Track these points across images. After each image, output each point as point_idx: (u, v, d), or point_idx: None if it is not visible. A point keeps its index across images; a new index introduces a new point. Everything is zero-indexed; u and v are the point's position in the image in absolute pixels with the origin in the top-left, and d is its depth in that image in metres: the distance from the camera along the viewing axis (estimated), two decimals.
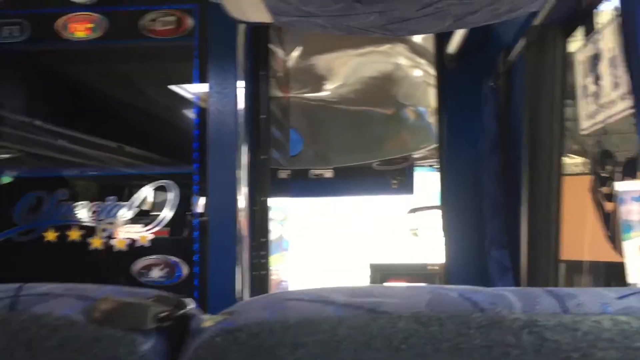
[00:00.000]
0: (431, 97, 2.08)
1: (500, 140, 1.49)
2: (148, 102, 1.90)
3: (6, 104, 1.89)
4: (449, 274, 1.63)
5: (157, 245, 1.70)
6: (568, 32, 1.17)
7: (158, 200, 1.73)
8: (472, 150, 1.61)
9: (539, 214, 1.31)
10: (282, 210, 3.51)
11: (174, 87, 1.82)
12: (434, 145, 2.36)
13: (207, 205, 1.68)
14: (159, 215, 1.70)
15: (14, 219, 1.70)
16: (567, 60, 1.20)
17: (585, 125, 1.14)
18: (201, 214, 1.69)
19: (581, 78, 1.13)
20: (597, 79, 1.06)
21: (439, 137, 1.68)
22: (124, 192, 1.74)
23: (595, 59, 1.05)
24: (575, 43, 1.19)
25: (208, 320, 0.46)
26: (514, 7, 0.91)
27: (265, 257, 1.71)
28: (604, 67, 1.02)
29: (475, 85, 1.57)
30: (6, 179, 1.85)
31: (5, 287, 0.48)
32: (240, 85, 1.67)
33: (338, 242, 3.98)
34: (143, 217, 1.73)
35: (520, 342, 0.40)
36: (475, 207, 1.58)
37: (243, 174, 1.66)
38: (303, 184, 2.54)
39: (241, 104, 1.67)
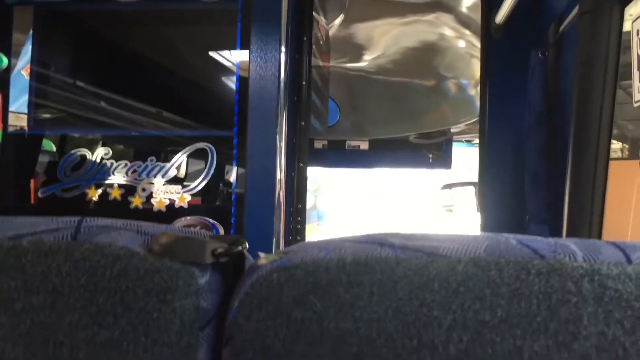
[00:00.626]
0: (474, 70, 2.04)
1: (546, 114, 1.46)
2: (190, 66, 1.91)
3: (50, 64, 1.92)
4: None
5: (195, 207, 1.72)
6: (625, 0, 1.13)
7: (198, 162, 1.75)
8: (514, 124, 1.59)
9: (583, 191, 1.28)
10: (316, 181, 3.52)
11: (216, 52, 1.82)
12: (474, 120, 2.32)
13: (246, 169, 1.69)
14: (198, 177, 1.71)
15: (57, 175, 1.74)
16: (622, 29, 1.16)
17: (638, 97, 1.10)
18: (240, 178, 1.70)
19: (637, 48, 1.10)
20: None
21: (481, 110, 1.65)
22: (164, 154, 1.76)
23: None
24: (633, 11, 1.15)
25: (264, 259, 0.46)
26: None
27: (302, 223, 1.72)
28: None
29: (522, 57, 1.54)
30: (47, 145, 1.89)
31: (67, 219, 0.49)
32: (283, 50, 1.67)
33: (371, 215, 3.97)
34: (183, 178, 1.76)
35: (580, 290, 0.39)
36: (515, 183, 1.56)
37: (282, 140, 1.66)
38: (339, 155, 2.53)
39: (283, 70, 1.67)
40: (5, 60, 1.78)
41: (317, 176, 3.57)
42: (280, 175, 1.66)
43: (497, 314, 0.39)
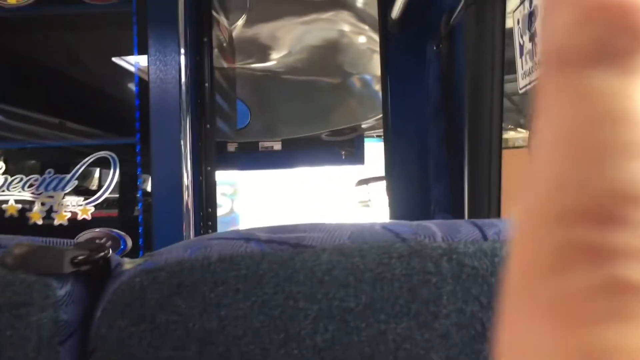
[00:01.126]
0: (376, 65, 2.08)
1: (444, 104, 1.50)
2: (86, 73, 1.84)
3: None
4: None
5: (100, 219, 1.66)
6: None
7: (101, 172, 1.68)
8: (416, 117, 1.62)
9: (480, 177, 1.33)
10: (232, 185, 3.48)
11: (114, 57, 1.76)
12: (381, 115, 2.37)
13: (151, 175, 1.65)
14: (101, 187, 1.65)
15: None
16: (505, 21, 1.21)
17: (523, 83, 1.15)
18: (144, 185, 1.65)
19: (518, 37, 1.14)
20: (532, 36, 1.07)
21: (384, 104, 1.68)
22: (64, 165, 1.69)
23: (531, 16, 1.07)
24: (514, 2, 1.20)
25: (128, 264, 0.44)
26: None
27: (213, 228, 1.69)
28: (539, 25, 1.03)
29: (419, 51, 1.57)
30: None
31: None
32: (182, 52, 1.63)
33: (289, 215, 3.97)
34: (84, 190, 1.68)
35: (439, 269, 0.40)
36: (420, 174, 1.59)
37: (187, 144, 1.63)
38: (252, 157, 2.51)
39: (183, 72, 1.63)
40: None
41: (233, 180, 3.53)
42: (187, 180, 1.63)
43: (362, 300, 0.39)
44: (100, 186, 1.67)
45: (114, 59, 1.77)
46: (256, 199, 3.75)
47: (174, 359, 0.39)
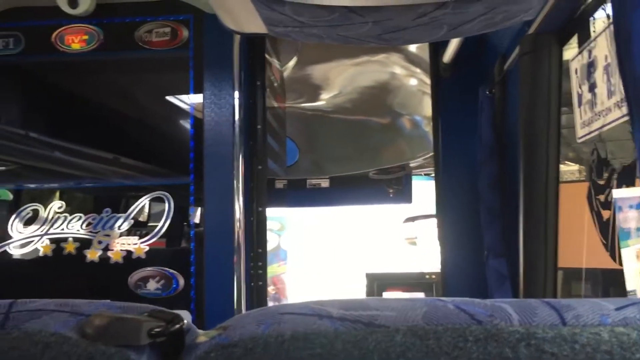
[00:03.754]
0: (427, 106, 2.08)
1: (496, 148, 1.49)
2: (144, 114, 1.90)
3: (1, 116, 1.89)
4: (446, 283, 1.63)
5: (153, 257, 1.69)
6: (563, 40, 1.17)
7: (154, 212, 1.72)
8: (467, 158, 1.61)
9: (535, 221, 1.30)
10: (279, 220, 3.50)
11: (170, 98, 1.82)
12: (430, 154, 2.36)
13: (203, 216, 1.67)
14: (155, 226, 1.69)
15: (9, 231, 1.69)
16: (562, 68, 1.20)
17: (581, 133, 1.14)
18: (197, 225, 1.68)
19: (576, 86, 1.13)
20: (592, 86, 1.06)
21: (435, 145, 1.68)
22: (120, 204, 1.73)
23: (590, 66, 1.06)
24: (571, 51, 1.19)
25: (202, 336, 0.45)
26: (508, 16, 0.91)
27: (263, 268, 1.70)
28: (599, 75, 1.02)
29: (470, 94, 1.57)
30: (3, 194, 1.84)
31: None
32: (236, 95, 1.67)
33: (335, 251, 3.96)
34: (139, 228, 1.72)
35: (517, 355, 0.39)
36: (472, 215, 1.58)
37: (240, 185, 1.65)
38: (300, 194, 2.53)
39: (237, 114, 1.67)
40: None
41: (279, 215, 3.56)
42: (239, 220, 1.65)
43: None
44: (154, 225, 1.71)
45: (170, 101, 1.83)
46: (303, 235, 3.76)
47: None
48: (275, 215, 3.54)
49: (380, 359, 0.40)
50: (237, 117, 1.67)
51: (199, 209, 1.69)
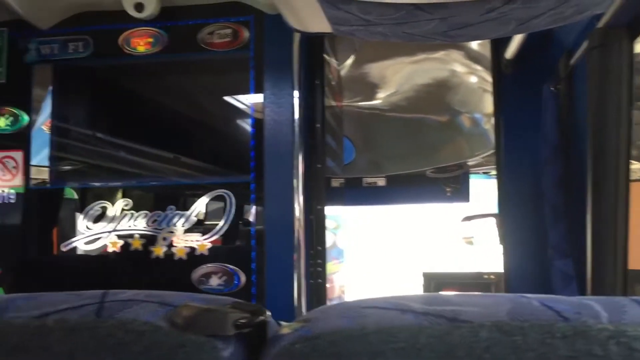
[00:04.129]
0: (487, 104, 2.05)
1: (561, 146, 1.45)
2: (206, 114, 1.94)
3: (70, 118, 1.97)
4: (509, 283, 1.60)
5: (215, 254, 1.72)
6: (634, 33, 1.13)
7: (216, 209, 1.76)
8: (530, 156, 1.58)
9: (605, 221, 1.27)
10: (335, 219, 3.51)
11: (231, 98, 1.85)
12: (490, 152, 2.32)
13: (264, 214, 1.70)
14: (217, 224, 1.72)
15: (79, 227, 1.77)
16: (633, 63, 1.16)
17: None
18: (258, 223, 1.71)
19: None
20: None
21: (497, 143, 1.65)
22: (183, 202, 1.78)
23: None
24: None
25: (285, 328, 0.46)
26: (579, 9, 0.89)
27: (322, 265, 1.71)
28: None
29: (534, 91, 1.54)
30: (69, 193, 1.92)
31: (90, 294, 0.50)
32: (296, 95, 1.69)
33: (391, 250, 3.94)
34: (201, 226, 1.77)
35: (607, 353, 0.39)
36: (535, 215, 1.54)
37: (299, 183, 1.67)
38: (356, 193, 2.53)
39: (296, 113, 1.69)
40: (25, 117, 1.83)
41: (335, 214, 3.56)
42: (298, 218, 1.67)
43: None
44: (216, 223, 1.75)
45: (231, 101, 1.86)
46: (359, 234, 3.76)
47: None
48: (331, 214, 3.56)
49: (465, 354, 0.40)
50: (296, 116, 1.68)
51: (254, 207, 1.72)
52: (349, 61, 2.11)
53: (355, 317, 0.44)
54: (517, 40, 1.47)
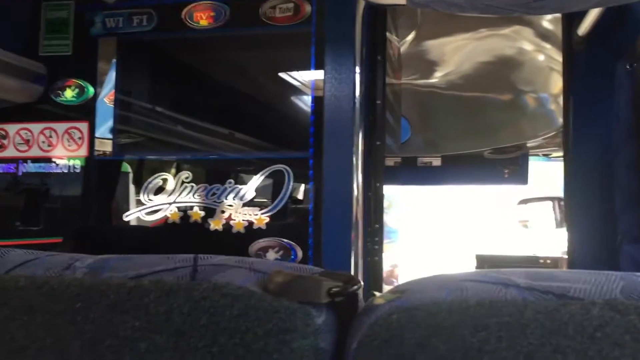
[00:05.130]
0: (554, 83, 1.98)
1: (636, 127, 1.39)
2: (265, 89, 1.94)
3: (132, 91, 2.00)
4: (574, 267, 1.55)
5: (272, 228, 1.74)
6: None
7: (274, 184, 1.77)
8: (601, 138, 1.52)
9: None
10: (387, 198, 3.48)
11: (290, 74, 1.84)
12: (553, 133, 2.25)
13: (322, 190, 1.69)
14: (275, 199, 1.73)
15: (140, 198, 1.80)
16: None
17: None
18: (316, 199, 1.71)
19: None
20: None
21: (565, 124, 1.60)
22: (242, 176, 1.79)
23: None
24: None
25: (379, 298, 0.46)
26: None
27: (379, 243, 1.70)
28: None
29: (606, 69, 1.48)
30: (124, 168, 1.96)
31: (182, 257, 0.50)
32: (357, 70, 1.67)
33: (444, 231, 3.89)
34: (259, 200, 1.78)
35: None
36: (604, 198, 1.49)
37: (358, 160, 1.66)
38: (411, 172, 2.50)
39: (357, 89, 1.67)
40: (91, 89, 1.87)
41: (388, 193, 3.54)
42: (356, 195, 1.66)
43: None
44: (274, 197, 1.76)
45: (291, 77, 1.86)
46: (411, 214, 3.73)
47: None
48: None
49: (575, 332, 0.38)
50: (357, 92, 1.67)
51: (302, 185, 1.72)
52: (410, 37, 2.07)
53: (455, 289, 0.43)
54: (591, 16, 1.41)
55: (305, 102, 1.79)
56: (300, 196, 1.77)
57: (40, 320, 0.44)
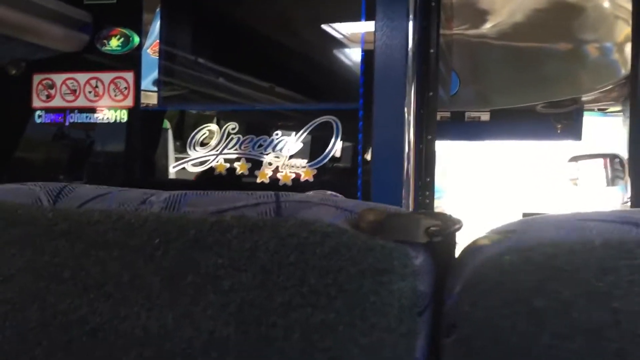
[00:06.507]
0: (619, 32, 1.87)
1: None
2: (313, 39, 1.88)
3: (176, 42, 1.96)
4: None
5: (320, 181, 1.71)
6: None
7: (323, 136, 1.73)
8: None
9: None
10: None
11: (340, 23, 1.78)
12: (610, 87, 2.15)
13: (371, 142, 1.65)
14: (323, 150, 1.70)
15: (187, 149, 1.79)
16: None
17: None
18: (365, 151, 1.67)
19: None
20: None
21: (632, 75, 1.50)
22: (289, 128, 1.76)
23: None
24: None
25: (483, 239, 0.42)
26: None
27: (430, 197, 1.66)
28: None
29: None
30: (165, 124, 1.94)
31: (262, 193, 0.47)
32: (410, 17, 1.60)
33: (491, 188, 3.81)
34: (308, 152, 1.74)
35: None
36: None
37: (411, 111, 1.60)
38: (458, 127, 2.43)
39: (410, 37, 1.60)
40: (136, 38, 1.84)
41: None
42: (408, 148, 1.61)
43: None
44: (322, 150, 1.72)
45: (340, 26, 1.79)
46: (458, 170, 3.65)
47: (556, 349, 0.36)
48: None
49: None
50: (410, 42, 1.60)
51: (340, 143, 1.68)
52: None
53: (575, 229, 0.39)
54: None
55: (354, 52, 1.73)
56: (348, 148, 1.73)
57: (116, 255, 0.41)
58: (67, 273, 0.42)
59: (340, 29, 1.78)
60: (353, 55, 1.72)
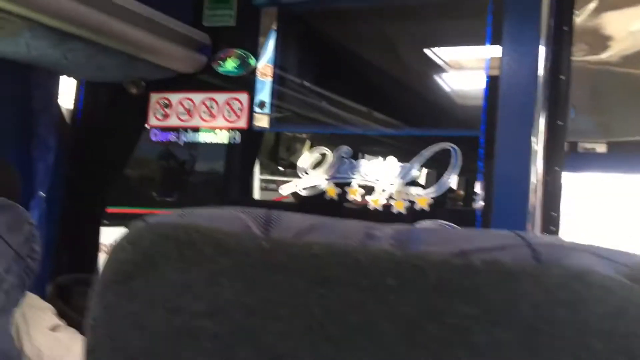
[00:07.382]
0: None
1: None
2: (434, 63, 1.83)
3: (287, 64, 1.96)
4: None
5: (436, 210, 1.64)
6: None
7: (440, 163, 1.66)
8: None
9: None
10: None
11: (462, 47, 1.73)
12: None
13: (493, 172, 1.57)
14: (441, 179, 1.63)
15: (298, 172, 1.77)
16: None
17: None
18: (486, 181, 1.59)
19: None
20: None
21: None
22: (405, 154, 1.70)
23: None
24: None
25: None
26: None
27: (556, 233, 1.56)
28: None
29: None
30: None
31: (503, 234, 0.41)
32: (541, 42, 1.52)
33: (611, 223, 3.60)
34: (424, 179, 1.68)
35: None
36: None
37: (537, 141, 1.52)
38: (570, 157, 2.29)
39: (540, 63, 1.52)
40: (252, 60, 1.85)
41: None
42: (534, 180, 1.52)
43: None
44: (438, 178, 1.65)
45: (462, 50, 1.74)
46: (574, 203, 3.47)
47: None
48: None
49: None
50: (541, 68, 1.52)
51: (456, 176, 1.60)
52: (590, 6, 1.87)
53: None
54: None
55: (476, 77, 1.66)
56: (466, 177, 1.66)
57: (342, 294, 0.36)
58: (284, 311, 0.38)
59: (461, 53, 1.73)
60: (475, 81, 1.65)
